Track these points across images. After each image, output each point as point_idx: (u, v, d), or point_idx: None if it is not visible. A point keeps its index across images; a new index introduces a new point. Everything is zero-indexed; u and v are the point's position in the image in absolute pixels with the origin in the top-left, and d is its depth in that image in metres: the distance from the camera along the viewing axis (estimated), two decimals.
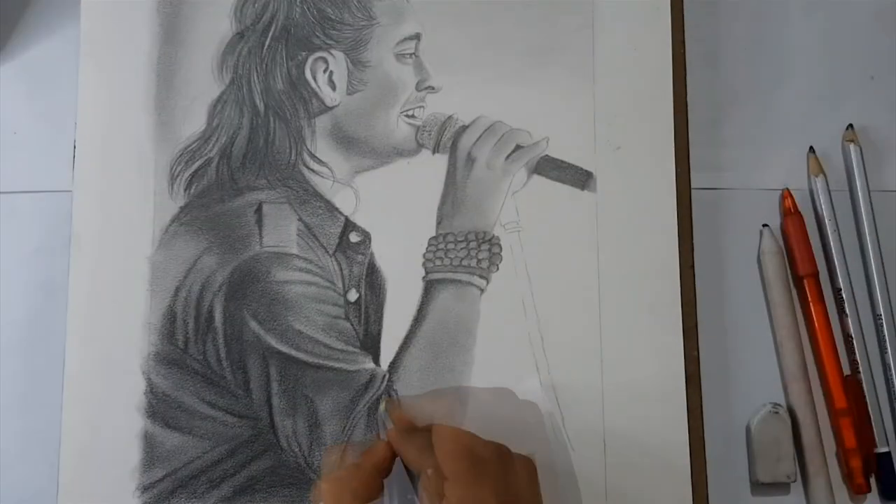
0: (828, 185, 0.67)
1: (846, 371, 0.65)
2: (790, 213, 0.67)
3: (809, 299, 0.66)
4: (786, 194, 0.67)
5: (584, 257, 0.64)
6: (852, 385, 0.65)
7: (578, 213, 0.65)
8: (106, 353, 0.63)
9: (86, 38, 0.65)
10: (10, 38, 0.67)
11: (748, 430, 0.65)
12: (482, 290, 0.64)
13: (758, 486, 0.64)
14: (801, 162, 0.68)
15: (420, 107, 0.66)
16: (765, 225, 0.67)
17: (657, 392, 0.63)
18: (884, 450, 0.64)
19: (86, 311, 0.64)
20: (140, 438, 0.62)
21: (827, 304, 0.66)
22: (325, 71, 0.66)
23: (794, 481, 0.63)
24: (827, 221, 0.67)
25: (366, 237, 0.65)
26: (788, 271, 0.66)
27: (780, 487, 0.64)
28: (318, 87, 0.66)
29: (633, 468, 0.62)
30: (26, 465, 0.64)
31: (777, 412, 0.64)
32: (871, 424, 0.64)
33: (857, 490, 0.64)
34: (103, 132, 0.65)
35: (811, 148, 0.68)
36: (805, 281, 0.66)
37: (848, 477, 0.64)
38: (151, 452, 0.62)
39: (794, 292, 0.66)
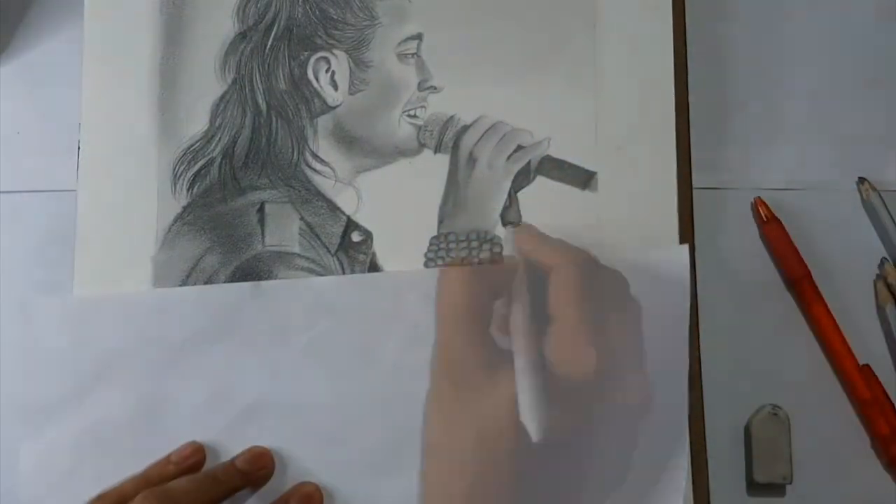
0: None
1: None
2: (766, 220, 0.67)
3: (807, 301, 0.66)
4: (759, 202, 0.67)
5: None
6: (868, 374, 0.65)
7: (580, 212, 0.65)
8: None
9: (89, 38, 0.65)
10: (12, 38, 0.67)
11: (747, 430, 0.65)
12: None
13: (754, 487, 0.64)
14: (802, 162, 0.68)
15: (422, 107, 0.66)
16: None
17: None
18: None
19: None
20: None
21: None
22: (327, 71, 0.66)
23: (790, 483, 0.64)
24: None
25: (367, 236, 0.65)
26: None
27: (776, 489, 0.65)
28: (321, 86, 0.66)
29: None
30: None
31: (776, 413, 0.64)
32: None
33: None
34: (107, 132, 0.65)
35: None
36: (798, 284, 0.66)
37: (889, 465, 0.64)
38: None
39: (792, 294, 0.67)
